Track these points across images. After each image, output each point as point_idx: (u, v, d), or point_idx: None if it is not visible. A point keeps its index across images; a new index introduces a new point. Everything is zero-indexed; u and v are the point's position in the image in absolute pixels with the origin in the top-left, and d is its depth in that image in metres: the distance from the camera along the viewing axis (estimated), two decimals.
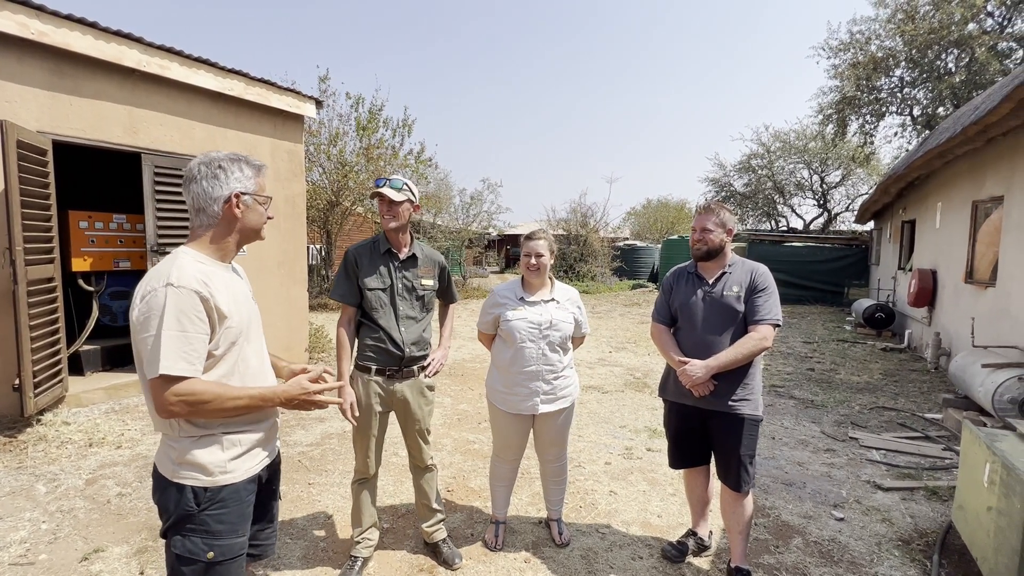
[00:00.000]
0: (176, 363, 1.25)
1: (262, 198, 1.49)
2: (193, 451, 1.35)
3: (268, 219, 1.53)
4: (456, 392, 5.37)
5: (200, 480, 1.35)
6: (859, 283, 13.45)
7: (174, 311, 1.26)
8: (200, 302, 1.29)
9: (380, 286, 2.29)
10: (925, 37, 12.34)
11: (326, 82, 11.58)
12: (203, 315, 1.30)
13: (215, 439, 1.37)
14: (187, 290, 1.28)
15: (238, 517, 1.41)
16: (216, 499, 1.37)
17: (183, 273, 1.30)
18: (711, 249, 2.29)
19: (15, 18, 3.86)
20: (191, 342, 1.27)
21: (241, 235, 1.48)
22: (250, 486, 1.45)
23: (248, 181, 1.45)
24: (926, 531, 2.82)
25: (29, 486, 3.12)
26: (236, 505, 1.40)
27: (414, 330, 2.34)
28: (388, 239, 2.33)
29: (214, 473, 1.36)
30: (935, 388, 5.68)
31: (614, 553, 2.60)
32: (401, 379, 2.34)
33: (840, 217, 22.73)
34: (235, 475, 1.39)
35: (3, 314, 3.92)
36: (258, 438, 1.45)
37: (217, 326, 1.34)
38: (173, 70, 4.84)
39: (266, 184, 1.52)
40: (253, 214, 1.47)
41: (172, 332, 1.25)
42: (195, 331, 1.28)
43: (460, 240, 15.68)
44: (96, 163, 6.14)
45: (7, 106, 3.95)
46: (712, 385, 2.21)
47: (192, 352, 1.27)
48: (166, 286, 1.27)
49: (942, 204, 7.18)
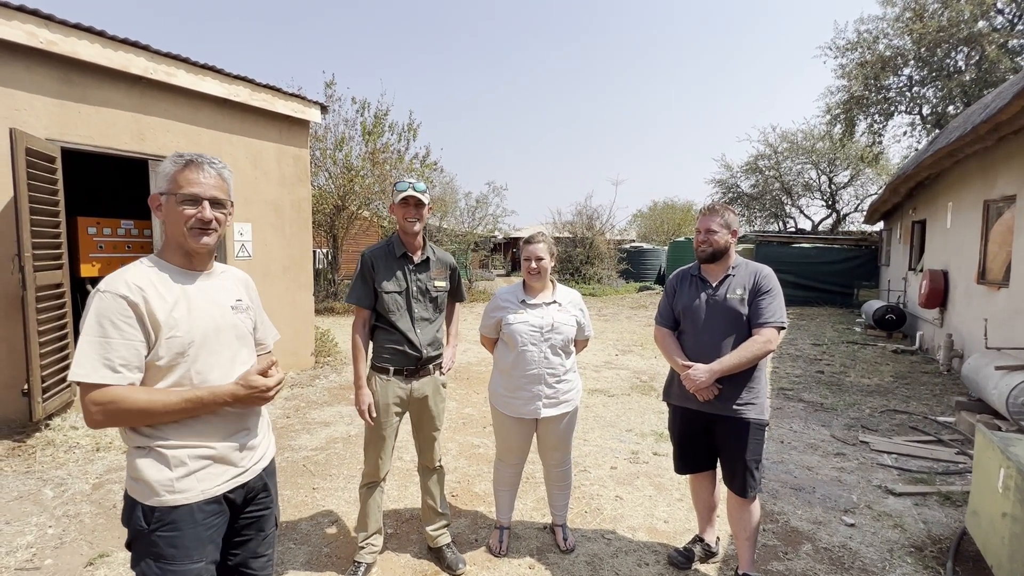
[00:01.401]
0: (95, 370, 1.17)
1: (180, 196, 1.30)
2: (139, 466, 1.26)
3: (191, 221, 1.31)
4: (461, 396, 5.35)
5: (148, 499, 1.25)
6: (869, 284, 13.30)
7: (96, 316, 1.20)
8: (128, 307, 1.21)
9: (396, 289, 2.32)
10: (934, 35, 12.22)
11: (332, 87, 11.68)
12: (132, 320, 1.21)
13: (155, 453, 1.26)
14: (111, 294, 1.21)
15: (193, 541, 1.28)
16: (166, 520, 1.26)
17: (116, 278, 1.24)
18: (716, 251, 2.26)
19: (24, 27, 3.91)
20: (114, 348, 1.19)
21: (172, 240, 1.35)
22: (210, 507, 1.31)
23: (163, 180, 1.33)
24: (939, 537, 2.77)
25: (36, 490, 3.14)
26: (191, 528, 1.28)
27: (429, 331, 2.38)
28: (403, 243, 2.35)
29: (160, 493, 1.25)
30: (947, 391, 5.59)
31: (620, 559, 2.57)
32: (419, 377, 2.38)
33: (849, 218, 22.55)
34: (186, 496, 1.27)
35: (12, 320, 3.97)
36: (210, 454, 1.31)
37: (152, 334, 1.24)
38: (180, 77, 4.89)
39: (196, 181, 1.32)
40: (170, 215, 1.32)
41: (92, 337, 1.18)
42: (119, 336, 1.20)
43: (466, 243, 15.70)
44: (104, 169, 6.21)
45: (16, 114, 4.00)
46: (717, 389, 2.18)
47: (115, 358, 1.19)
48: (96, 291, 1.23)
49: (953, 204, 7.09)
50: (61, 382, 4.14)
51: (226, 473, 1.35)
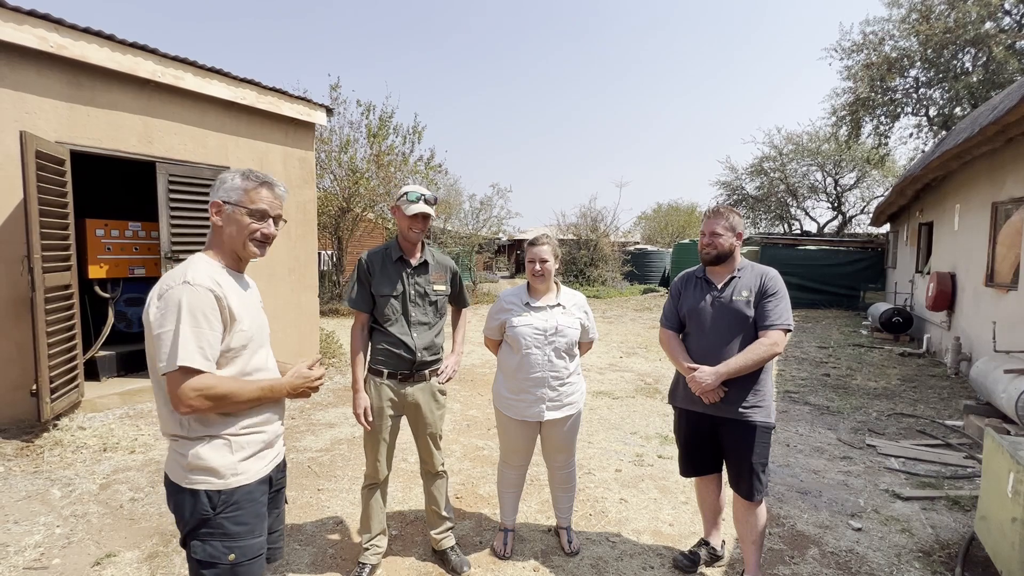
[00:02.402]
0: (194, 356, 1.28)
1: (247, 210, 1.44)
2: (202, 455, 1.36)
3: (258, 234, 1.47)
4: (465, 398, 5.35)
5: (213, 484, 1.37)
6: (875, 287, 13.21)
7: (189, 307, 1.29)
8: (215, 300, 1.33)
9: (393, 293, 2.31)
10: (941, 36, 12.15)
11: (337, 90, 11.74)
12: (217, 313, 1.33)
13: (221, 440, 1.38)
14: (202, 288, 1.31)
15: (254, 518, 1.43)
16: (231, 502, 1.38)
17: (198, 273, 1.34)
18: (720, 253, 2.26)
19: (35, 32, 3.96)
20: (205, 337, 1.31)
21: (227, 245, 1.47)
22: (262, 487, 1.47)
23: (235, 192, 1.44)
24: (948, 542, 2.74)
25: (45, 490, 3.16)
26: (250, 506, 1.42)
27: (426, 335, 2.36)
28: (401, 247, 2.35)
29: (226, 476, 1.38)
30: (955, 394, 5.54)
31: (624, 562, 2.56)
32: (413, 383, 2.36)
33: (855, 220, 22.41)
34: (247, 476, 1.41)
35: (21, 321, 4.00)
36: (264, 439, 1.47)
37: (229, 326, 1.37)
38: (187, 80, 4.93)
39: (268, 200, 1.47)
40: (231, 225, 1.44)
41: (189, 327, 1.28)
42: (208, 328, 1.31)
43: (470, 245, 15.71)
44: (112, 171, 6.26)
45: (27, 117, 4.05)
46: (722, 392, 2.17)
47: (207, 347, 1.31)
48: (183, 283, 1.31)
49: (960, 206, 7.04)
50: (70, 382, 4.18)
51: (270, 454, 1.51)
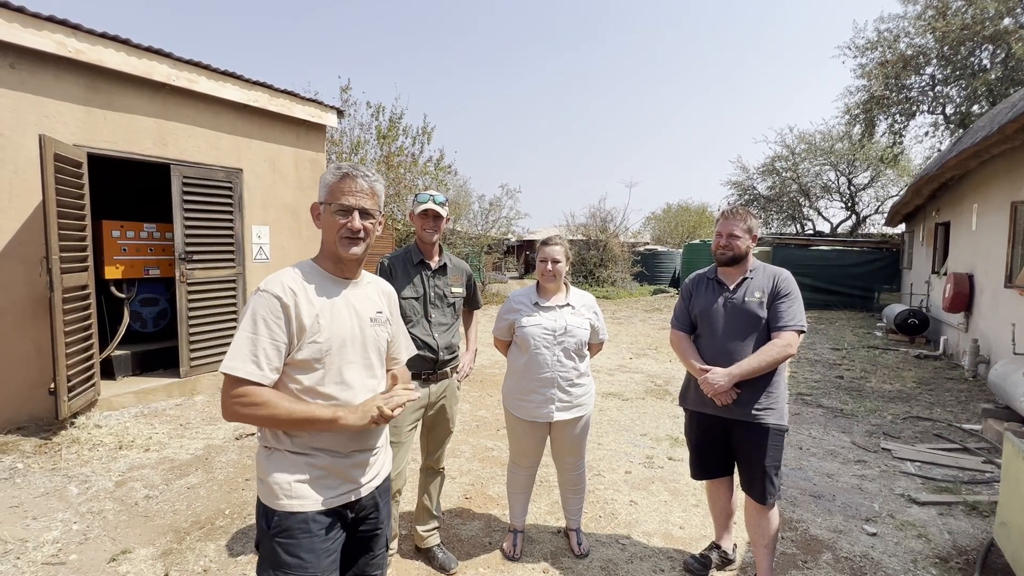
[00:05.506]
0: (242, 364, 1.23)
1: (333, 207, 1.36)
2: (265, 466, 1.31)
3: (343, 231, 1.36)
4: (475, 398, 5.36)
5: (270, 501, 1.28)
6: (890, 288, 13.02)
7: (252, 313, 1.27)
8: (280, 307, 1.27)
9: (414, 295, 2.38)
10: (957, 33, 11.93)
11: (348, 92, 11.84)
12: (281, 322, 1.27)
13: (279, 454, 1.30)
14: (269, 294, 1.28)
15: (309, 554, 1.26)
16: (283, 526, 1.26)
17: (274, 279, 1.32)
18: (737, 255, 2.24)
19: (53, 37, 4.04)
20: (260, 344, 1.25)
21: (326, 247, 1.40)
22: (326, 519, 1.30)
23: (323, 190, 1.39)
24: (965, 548, 2.69)
25: (62, 487, 3.22)
26: (306, 538, 1.26)
27: (446, 336, 2.44)
28: (421, 250, 2.43)
29: (279, 496, 1.27)
30: (973, 397, 5.44)
31: (634, 565, 2.54)
32: (436, 380, 2.44)
33: (869, 220, 22.11)
34: (303, 503, 1.27)
35: (40, 320, 4.08)
36: (327, 464, 1.32)
37: (295, 336, 1.29)
38: (201, 83, 5.00)
39: (349, 191, 1.36)
40: (326, 223, 1.38)
41: (246, 333, 1.26)
42: (267, 335, 1.26)
43: (479, 246, 15.74)
44: (127, 173, 6.36)
45: (45, 121, 4.13)
46: (735, 394, 2.15)
47: (262, 356, 1.25)
48: (258, 290, 1.31)
49: (978, 205, 6.91)
50: (86, 381, 4.25)
51: (341, 487, 1.35)
